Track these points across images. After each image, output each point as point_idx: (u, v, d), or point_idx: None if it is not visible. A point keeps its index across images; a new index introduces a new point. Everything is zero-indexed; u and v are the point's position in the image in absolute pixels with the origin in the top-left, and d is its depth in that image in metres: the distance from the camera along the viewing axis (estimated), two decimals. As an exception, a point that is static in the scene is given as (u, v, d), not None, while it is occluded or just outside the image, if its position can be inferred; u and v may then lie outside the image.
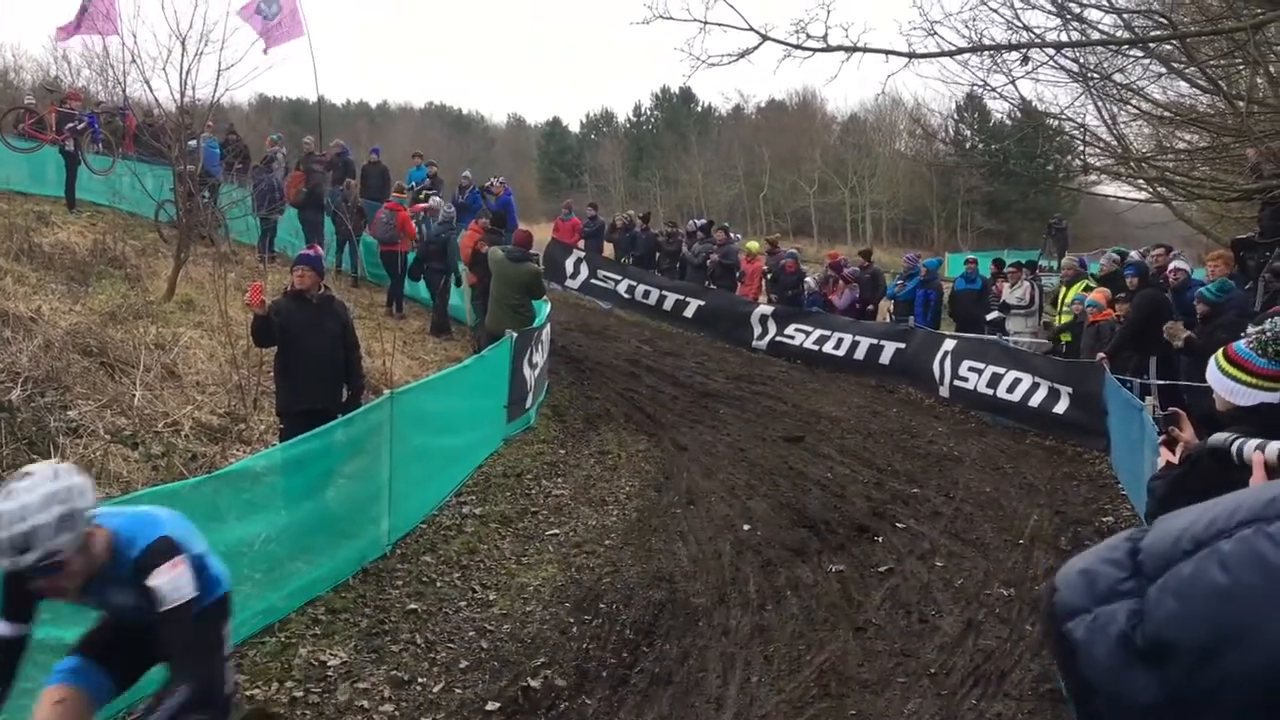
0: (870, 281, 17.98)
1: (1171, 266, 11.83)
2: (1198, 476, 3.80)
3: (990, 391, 13.25)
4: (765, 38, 8.72)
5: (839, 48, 8.59)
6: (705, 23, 9.00)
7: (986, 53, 9.62)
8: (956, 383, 13.84)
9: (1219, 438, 2.95)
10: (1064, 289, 14.49)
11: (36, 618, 3.85)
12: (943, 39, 9.29)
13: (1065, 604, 0.88)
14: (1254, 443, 2.80)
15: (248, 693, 5.80)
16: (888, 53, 8.84)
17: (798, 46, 8.62)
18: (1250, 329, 4.29)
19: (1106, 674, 0.83)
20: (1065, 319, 14.07)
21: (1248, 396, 3.98)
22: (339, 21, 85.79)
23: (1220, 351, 4.17)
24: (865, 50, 8.66)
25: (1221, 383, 4.07)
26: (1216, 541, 0.81)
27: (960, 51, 9.14)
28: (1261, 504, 0.82)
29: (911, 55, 8.89)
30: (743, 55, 8.90)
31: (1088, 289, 13.65)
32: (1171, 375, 10.81)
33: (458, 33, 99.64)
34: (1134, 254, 14.07)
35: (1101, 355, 11.58)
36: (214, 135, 18.22)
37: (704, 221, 22.76)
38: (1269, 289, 10.30)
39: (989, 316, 15.88)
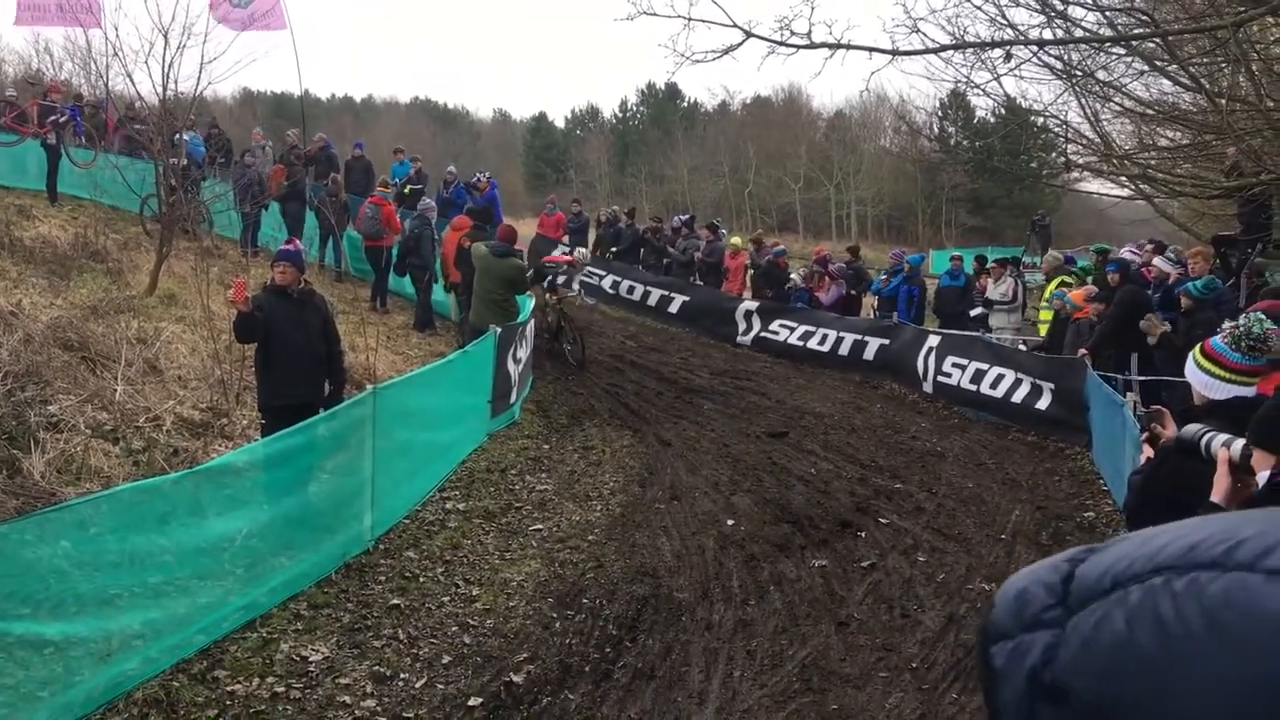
0: (855, 277, 18.02)
1: (1155, 262, 11.89)
2: (1168, 470, 3.84)
3: (974, 388, 13.29)
4: (749, 34, 8.72)
5: (823, 45, 8.61)
6: (689, 19, 9.00)
7: (970, 50, 9.65)
8: (940, 379, 13.88)
9: (1190, 429, 2.97)
10: (1046, 284, 14.56)
11: None
12: (926, 36, 9.31)
13: (994, 625, 0.84)
14: (1221, 438, 2.82)
15: (229, 689, 5.79)
16: (871, 50, 8.86)
17: (781, 43, 8.63)
18: (1226, 324, 4.33)
19: (1013, 708, 0.79)
20: (1046, 315, 14.13)
21: (1222, 390, 4.01)
22: (324, 15, 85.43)
23: (1197, 346, 4.21)
24: (849, 47, 8.67)
25: (1197, 377, 4.11)
26: (1129, 586, 0.75)
27: (944, 49, 9.17)
28: (1180, 551, 0.75)
29: (895, 52, 8.91)
30: (727, 52, 8.90)
31: (1064, 284, 13.70)
32: (1153, 372, 10.87)
33: (444, 27, 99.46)
34: (1126, 250, 14.12)
35: (1083, 351, 11.63)
36: (196, 131, 18.12)
37: (688, 217, 22.73)
38: (1251, 286, 10.38)
39: (972, 312, 15.93)
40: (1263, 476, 2.74)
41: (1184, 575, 0.72)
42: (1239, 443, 2.78)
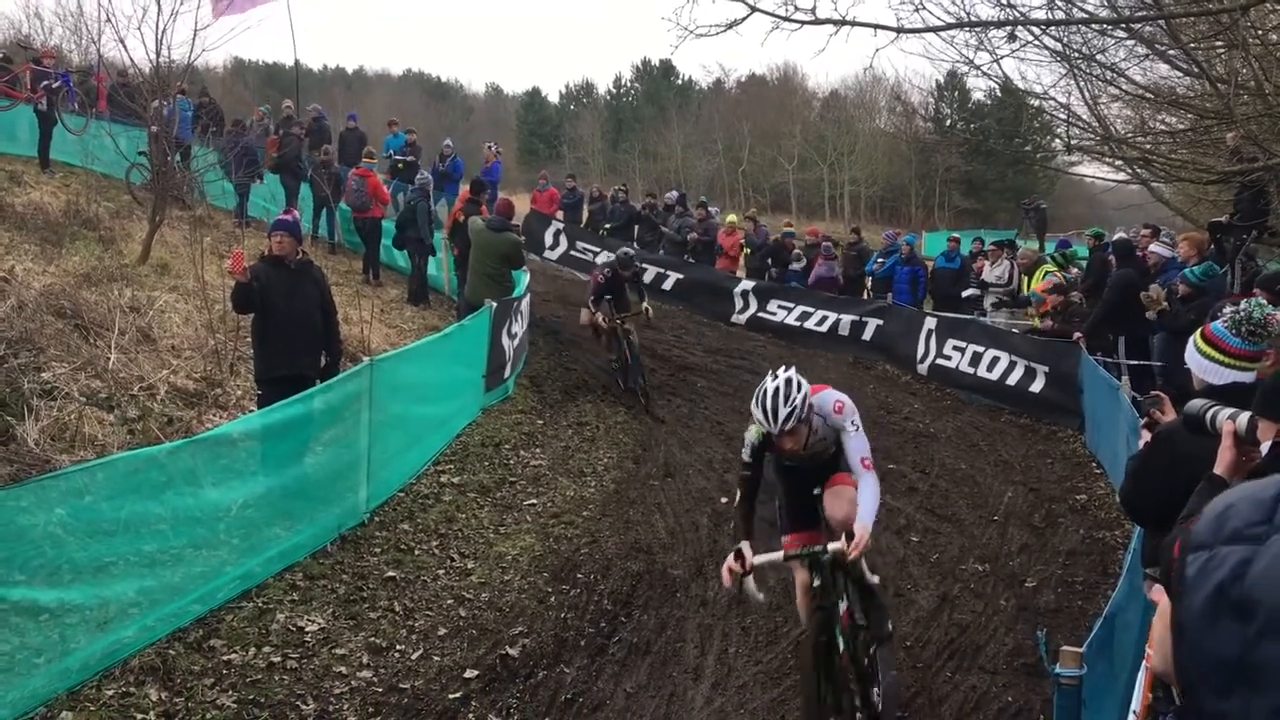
0: (857, 259, 18.02)
1: (1151, 248, 11.90)
2: (1163, 453, 3.85)
3: (971, 370, 13.31)
4: (754, 9, 8.65)
5: (827, 20, 8.54)
6: (693, -8, 8.91)
7: (973, 30, 9.59)
8: (940, 361, 13.89)
9: (1195, 404, 2.98)
10: (1025, 279, 14.47)
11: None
12: (930, 14, 9.25)
13: (1195, 536, 0.85)
14: (1227, 412, 2.83)
15: (225, 658, 5.79)
16: (876, 26, 8.80)
17: (786, 18, 8.56)
18: (1227, 309, 4.33)
19: (1197, 620, 0.81)
20: (1037, 323, 14.10)
21: (1221, 375, 4.02)
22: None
23: (1198, 331, 4.21)
24: (853, 24, 8.61)
25: (1197, 361, 4.11)
26: None
27: (948, 27, 9.10)
28: None
29: (900, 30, 8.85)
30: (731, 26, 8.83)
31: (1048, 273, 13.69)
32: (1142, 355, 10.90)
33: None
34: (1120, 233, 14.13)
35: (1078, 335, 11.66)
36: (187, 98, 17.96)
37: (680, 194, 22.64)
38: (1246, 272, 10.39)
39: (965, 293, 15.93)
40: (1266, 446, 2.76)
41: None
42: (1244, 415, 2.78)
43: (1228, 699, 0.77)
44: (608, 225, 20.73)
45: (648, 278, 18.71)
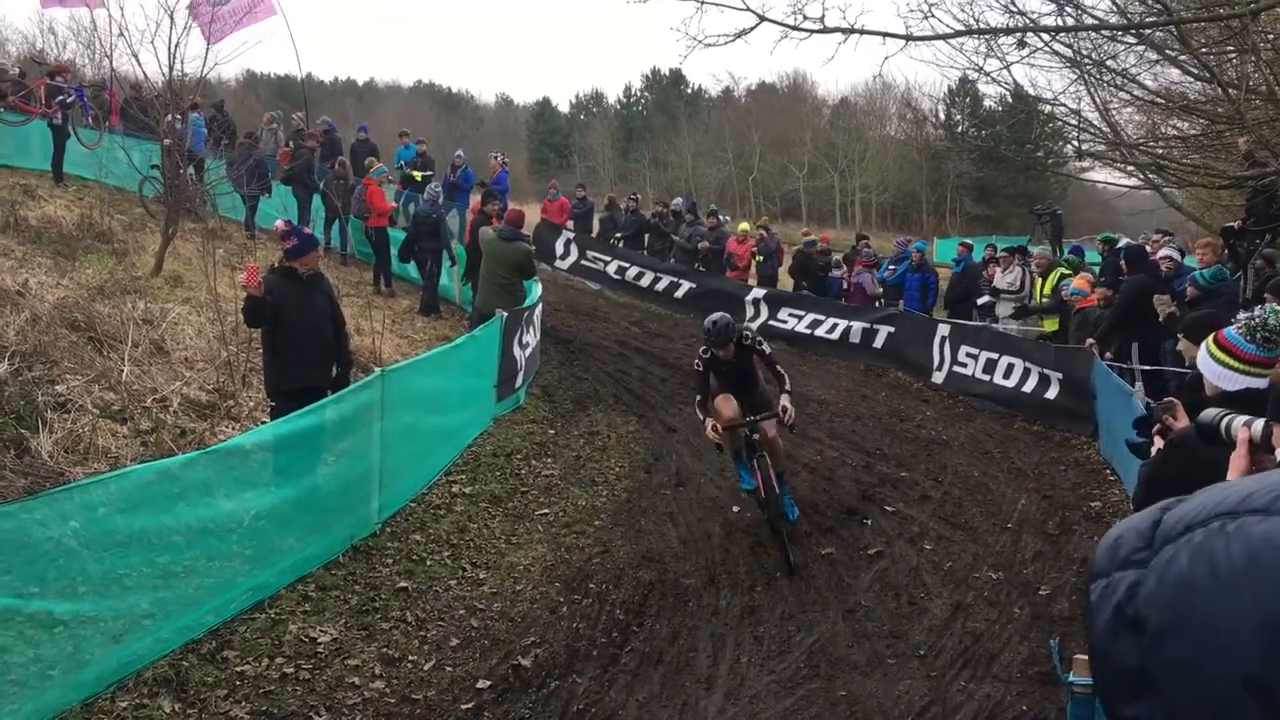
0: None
1: (1162, 254, 11.86)
2: (1175, 461, 3.83)
3: (987, 377, 13.28)
4: (763, 18, 8.68)
5: (836, 29, 8.57)
6: (703, 2, 8.95)
7: (982, 37, 9.60)
8: (955, 368, 13.86)
9: (1209, 413, 2.96)
10: (1040, 281, 14.46)
11: None
12: (939, 22, 9.27)
13: (1095, 566, 0.93)
14: (1241, 419, 2.81)
15: (239, 669, 5.80)
16: (885, 35, 8.82)
17: (795, 28, 8.59)
18: (1241, 315, 4.31)
19: (1102, 637, 0.88)
20: (1050, 325, 14.06)
21: (1235, 381, 4.00)
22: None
23: (1211, 337, 4.19)
24: (862, 32, 8.63)
25: (1210, 367, 4.09)
26: (1195, 529, 0.84)
27: (957, 35, 9.12)
28: (1238, 499, 0.84)
29: (909, 37, 8.86)
30: (740, 35, 8.86)
31: (1065, 276, 13.67)
32: (1154, 361, 10.86)
33: (447, 10, 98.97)
34: (1128, 239, 14.11)
35: (1090, 341, 11.62)
36: (200, 113, 18.07)
37: (690, 201, 22.66)
38: (1259, 276, 10.35)
39: (979, 301, 15.90)
40: None
41: (1236, 519, 0.81)
42: (1259, 423, 2.77)
43: (1135, 704, 0.85)
44: (619, 234, 20.78)
45: (660, 286, 18.71)
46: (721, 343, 8.09)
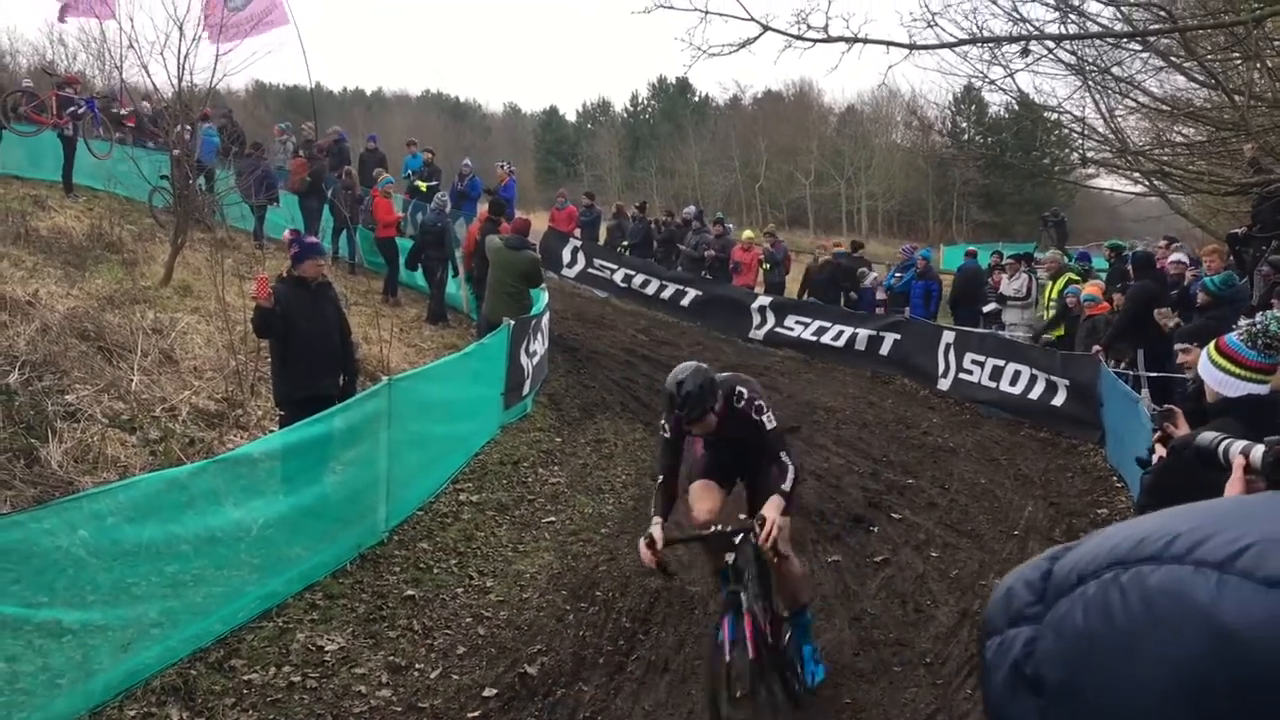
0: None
1: (1171, 259, 11.86)
2: (1177, 469, 3.83)
3: (993, 384, 13.28)
4: (766, 28, 8.72)
5: (840, 38, 8.60)
6: (706, 12, 9.01)
7: (986, 45, 9.63)
8: (961, 375, 13.86)
9: (1206, 438, 2.94)
10: (1050, 284, 14.49)
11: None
12: (943, 31, 9.30)
13: (987, 623, 0.89)
14: (1239, 445, 2.80)
15: (246, 678, 5.83)
16: (888, 44, 8.85)
17: (798, 37, 8.63)
18: (1242, 322, 4.31)
19: (999, 698, 0.85)
20: (1051, 315, 14.08)
21: (1235, 388, 4.00)
22: (334, 8, 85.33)
23: (1212, 343, 4.20)
24: (866, 41, 8.66)
25: (1211, 374, 4.10)
26: (1088, 581, 0.81)
27: (960, 43, 9.15)
28: (1129, 545, 0.80)
29: (912, 46, 8.90)
30: (744, 45, 8.90)
31: (1073, 281, 13.67)
32: (1160, 367, 10.85)
33: (454, 20, 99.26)
34: (1137, 244, 14.12)
35: (1097, 348, 11.62)
36: (211, 123, 18.17)
37: (698, 210, 22.69)
38: (1267, 283, 10.34)
39: (985, 309, 15.90)
40: None
41: (1130, 569, 0.78)
42: (1259, 449, 2.75)
43: None
44: (625, 243, 20.82)
45: (665, 294, 18.73)
46: (695, 415, 5.23)
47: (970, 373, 13.72)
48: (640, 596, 7.37)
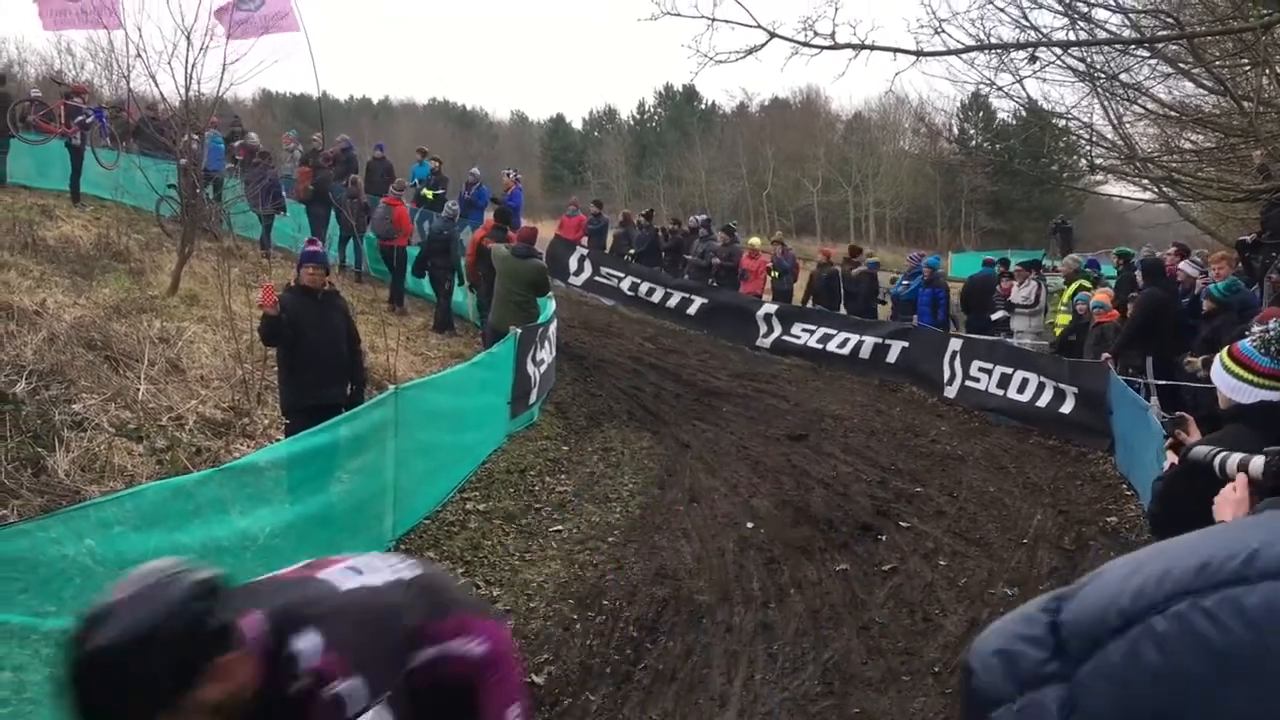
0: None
1: (1180, 267, 11.83)
2: (1187, 476, 3.80)
3: (1000, 392, 13.24)
4: (773, 35, 8.71)
5: (846, 45, 8.58)
6: (713, 20, 9.00)
7: (994, 51, 9.61)
8: (968, 383, 13.83)
9: (1200, 451, 2.90)
10: (1063, 289, 14.50)
11: None
12: (950, 37, 9.29)
13: (986, 691, 0.81)
14: (1235, 457, 2.75)
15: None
16: (895, 50, 8.83)
17: (805, 44, 8.61)
18: (1255, 328, 4.28)
19: None
20: (1064, 319, 14.06)
21: (1249, 394, 3.97)
22: (342, 17, 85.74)
23: (1225, 349, 4.17)
24: (872, 48, 8.65)
25: (1224, 380, 4.07)
26: (1148, 617, 0.74)
27: (968, 50, 9.14)
28: (1191, 573, 0.74)
29: (919, 53, 8.88)
30: (750, 52, 8.89)
31: (1084, 288, 13.64)
32: (1169, 375, 10.82)
33: (461, 29, 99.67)
34: (1144, 250, 14.09)
35: (1106, 355, 11.58)
36: (218, 131, 18.23)
37: (705, 218, 22.71)
38: (1276, 289, 10.29)
39: (994, 316, 15.88)
40: None
41: (1210, 595, 0.72)
42: (1257, 460, 2.70)
43: None
44: (632, 251, 20.83)
45: (671, 302, 18.75)
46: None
47: (977, 380, 13.69)
48: (648, 605, 7.34)
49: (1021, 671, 0.79)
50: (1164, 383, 10.85)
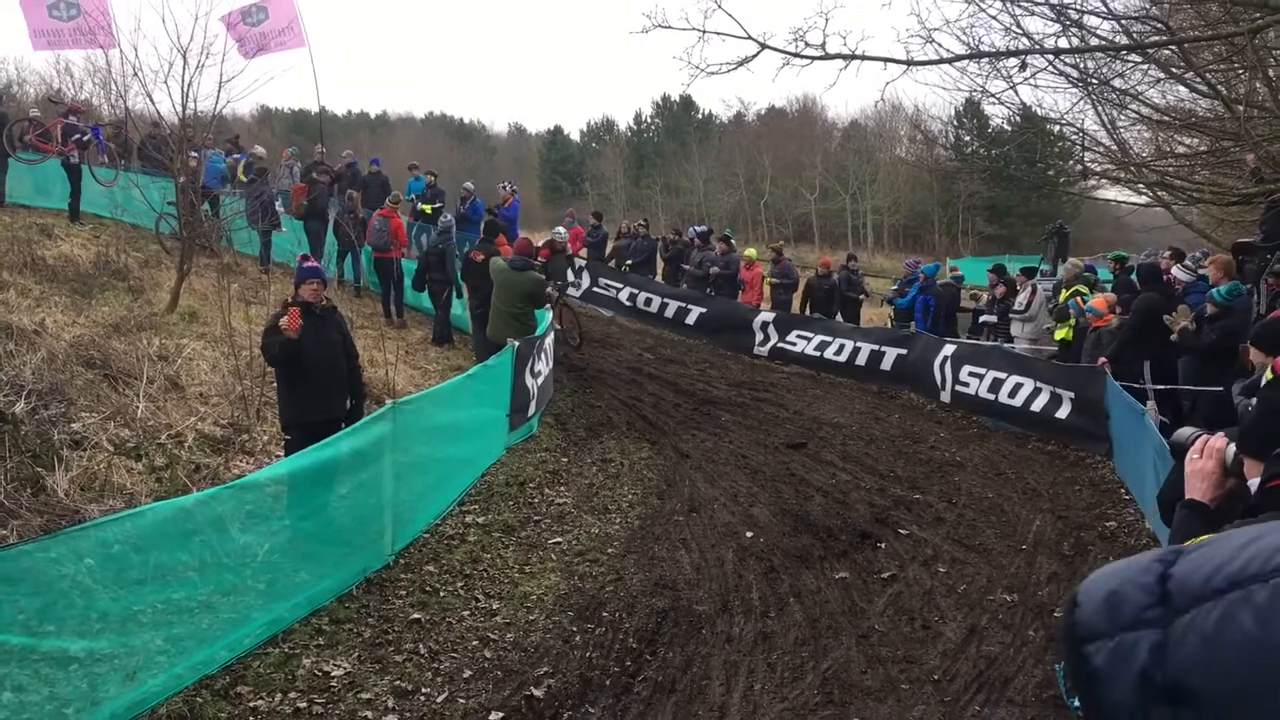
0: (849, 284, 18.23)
1: (1173, 272, 11.84)
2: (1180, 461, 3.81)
3: (991, 397, 13.25)
4: (764, 46, 8.76)
5: (837, 55, 8.63)
6: (704, 32, 9.05)
7: (985, 59, 9.64)
8: (958, 388, 13.85)
9: (1183, 432, 2.94)
10: (1064, 291, 14.51)
11: None
12: (941, 46, 9.32)
13: (1087, 624, 0.84)
14: (1218, 440, 2.78)
15: (252, 704, 5.82)
16: (886, 60, 8.87)
17: (796, 55, 8.66)
18: None
19: (1125, 709, 0.79)
20: (1062, 333, 14.05)
21: None
22: (339, 32, 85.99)
23: (1271, 365, 4.17)
24: (863, 58, 8.69)
25: None
26: (1251, 585, 0.75)
27: (959, 59, 9.17)
28: None
29: (910, 63, 8.91)
30: (742, 64, 8.94)
31: (1079, 293, 13.65)
32: (1167, 379, 10.82)
33: (458, 43, 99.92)
34: (1145, 254, 14.12)
35: (1102, 360, 11.58)
36: (216, 148, 18.30)
37: (704, 229, 22.75)
38: (1271, 292, 10.31)
39: (982, 319, 15.94)
40: (1254, 484, 2.72)
41: None
42: (1232, 446, 2.74)
43: None
44: (629, 261, 20.86)
45: (669, 312, 18.78)
46: None
47: (967, 385, 13.70)
48: (647, 617, 7.35)
49: (1124, 613, 0.81)
50: (1161, 387, 10.86)
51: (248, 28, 17.22)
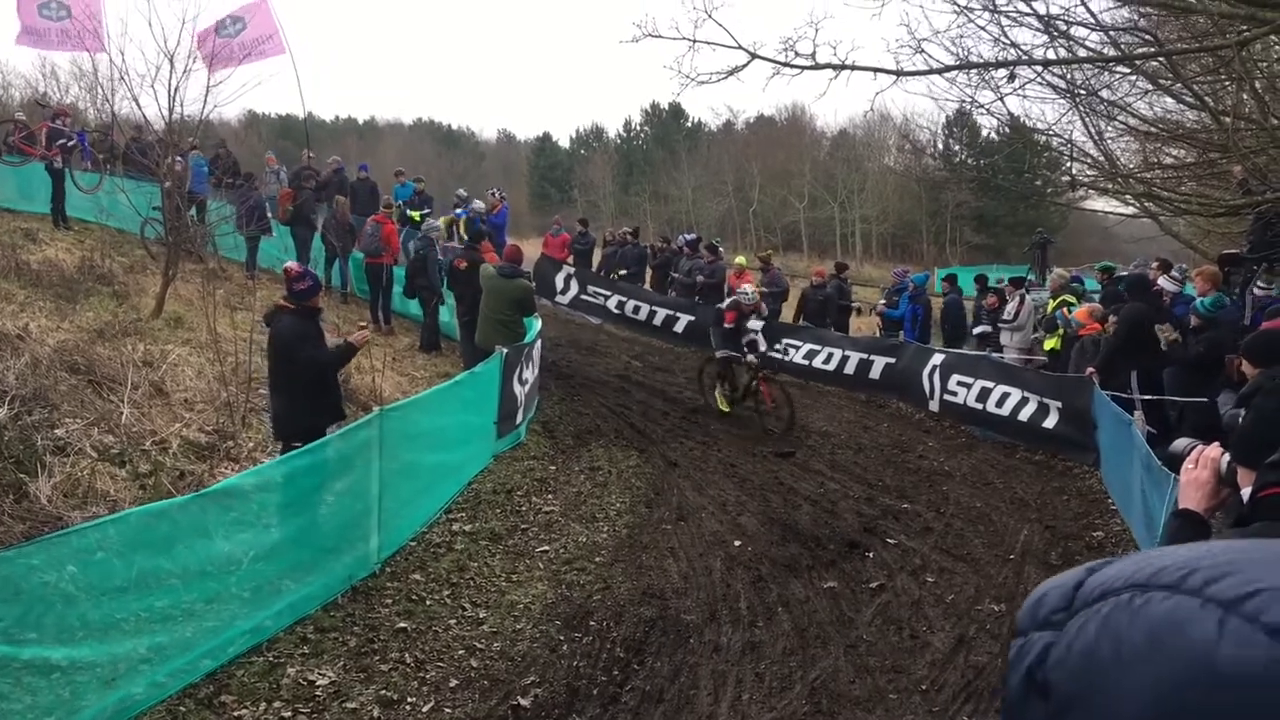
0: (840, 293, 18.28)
1: (1159, 282, 11.88)
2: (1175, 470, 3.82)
3: (979, 406, 13.25)
4: (754, 56, 8.76)
5: (827, 65, 8.64)
6: (694, 41, 9.05)
7: (974, 70, 9.66)
8: (946, 397, 13.86)
9: (1180, 444, 2.96)
10: (1050, 302, 14.55)
11: None
12: (930, 56, 9.36)
13: (1018, 622, 0.91)
14: (1213, 451, 2.79)
15: (236, 714, 5.77)
16: (875, 70, 8.88)
17: (786, 64, 8.66)
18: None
19: (1012, 699, 0.86)
20: (1051, 343, 14.09)
21: None
22: (327, 36, 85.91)
23: None
24: (853, 68, 8.70)
25: None
26: (1108, 599, 0.82)
27: (948, 69, 9.18)
28: (1150, 572, 0.82)
29: (899, 73, 8.93)
30: (732, 73, 8.95)
31: (1065, 304, 13.69)
32: (1154, 389, 10.85)
33: (447, 49, 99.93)
34: (1135, 265, 14.16)
35: (1090, 370, 11.61)
36: (201, 153, 18.22)
37: (693, 236, 22.74)
38: (1257, 304, 10.35)
39: (975, 330, 15.94)
40: (1246, 493, 2.73)
41: (1145, 593, 0.80)
42: (1227, 457, 2.75)
43: None
44: (622, 270, 20.84)
45: (658, 320, 18.74)
46: None
47: (955, 394, 13.71)
48: (635, 626, 7.32)
49: (1039, 614, 0.88)
50: (1148, 397, 10.89)
51: (224, 40, 17.08)
